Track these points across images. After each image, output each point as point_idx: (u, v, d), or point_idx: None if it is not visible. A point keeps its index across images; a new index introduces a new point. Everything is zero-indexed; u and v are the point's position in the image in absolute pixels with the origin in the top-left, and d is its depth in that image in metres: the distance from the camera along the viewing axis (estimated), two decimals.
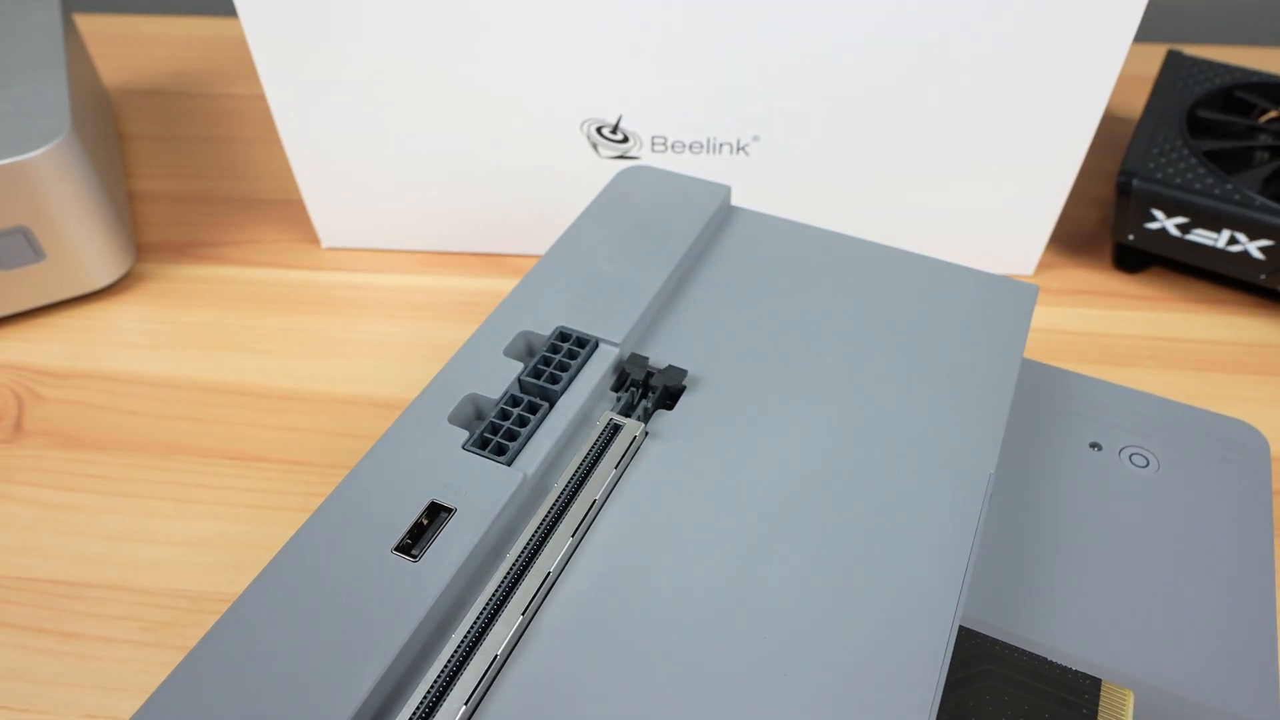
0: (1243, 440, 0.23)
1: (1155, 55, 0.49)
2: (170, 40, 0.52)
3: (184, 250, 0.38)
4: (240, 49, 0.51)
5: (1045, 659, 0.17)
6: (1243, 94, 0.38)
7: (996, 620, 0.19)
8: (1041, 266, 0.36)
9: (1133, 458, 0.23)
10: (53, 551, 0.27)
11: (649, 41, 0.30)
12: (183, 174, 0.42)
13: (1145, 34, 0.53)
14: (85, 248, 0.33)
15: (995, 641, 0.17)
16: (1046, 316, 0.34)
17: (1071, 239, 0.37)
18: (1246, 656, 0.19)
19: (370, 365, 0.33)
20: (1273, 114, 0.37)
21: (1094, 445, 0.23)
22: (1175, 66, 0.39)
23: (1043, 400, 0.25)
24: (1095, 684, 0.17)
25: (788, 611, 0.16)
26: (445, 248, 0.37)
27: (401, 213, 0.36)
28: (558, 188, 0.34)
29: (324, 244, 0.37)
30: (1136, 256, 0.36)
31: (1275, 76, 0.38)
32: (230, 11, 0.57)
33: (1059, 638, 0.18)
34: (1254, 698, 0.18)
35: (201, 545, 0.27)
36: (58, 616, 0.25)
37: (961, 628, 0.18)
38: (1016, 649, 0.17)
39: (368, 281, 0.36)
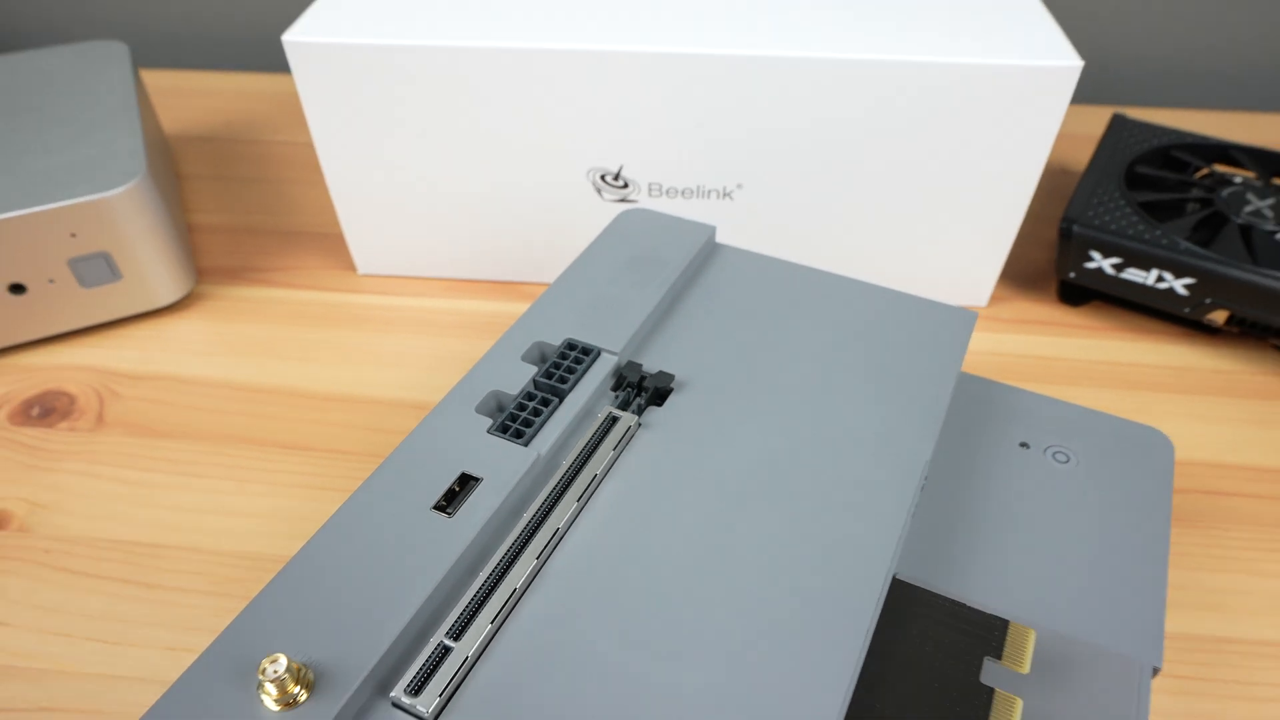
0: (1152, 442, 0.27)
1: (1104, 116, 0.54)
2: (220, 93, 0.56)
3: (237, 274, 0.42)
4: (282, 101, 0.55)
5: (963, 604, 0.20)
6: (1178, 153, 0.42)
7: (928, 577, 0.22)
8: (994, 300, 0.40)
9: (1055, 455, 0.26)
10: (134, 519, 0.30)
11: (648, 105, 0.34)
12: (234, 210, 0.46)
13: (1096, 97, 0.58)
14: (155, 270, 0.37)
15: (924, 590, 0.21)
16: (998, 342, 0.38)
17: (1023, 276, 0.41)
18: (1137, 610, 0.22)
19: (400, 373, 0.36)
20: (1205, 171, 0.41)
21: (1023, 444, 0.27)
22: (1119, 128, 0.43)
23: (984, 408, 0.28)
24: (1004, 624, 0.20)
25: (752, 561, 0.20)
26: (467, 275, 0.41)
27: (429, 244, 0.39)
28: (566, 226, 0.38)
29: (360, 270, 0.41)
30: (1078, 292, 0.39)
31: (1208, 138, 0.42)
32: (272, 68, 0.61)
33: (978, 591, 0.22)
34: (1139, 641, 0.21)
35: (259, 517, 0.30)
36: (140, 571, 0.29)
37: (896, 579, 0.21)
38: (940, 596, 0.20)
39: (398, 303, 0.40)
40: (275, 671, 0.16)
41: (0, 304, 0.35)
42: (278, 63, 0.62)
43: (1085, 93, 0.58)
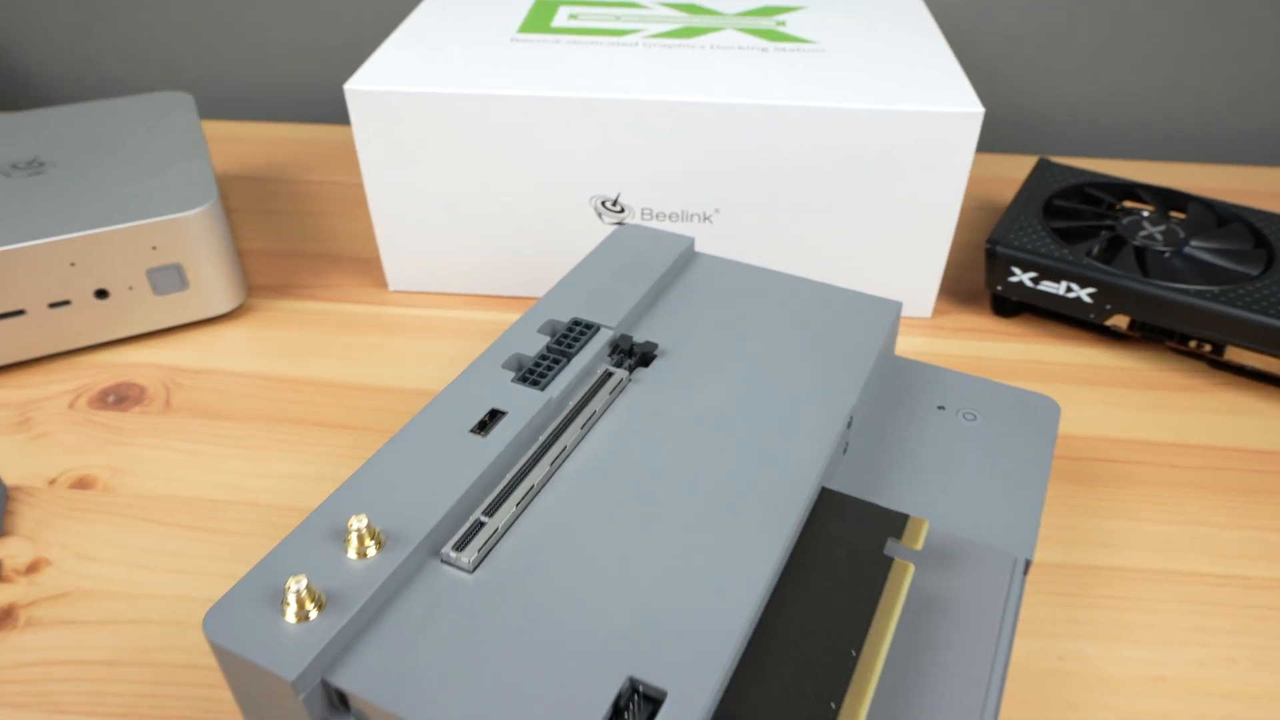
0: (1044, 406, 0.33)
1: (1032, 163, 0.61)
2: (259, 140, 0.63)
3: (281, 290, 0.48)
4: (314, 147, 0.63)
5: (875, 504, 0.26)
6: (1091, 190, 0.49)
7: (852, 492, 0.28)
8: (938, 312, 0.46)
9: (965, 415, 0.32)
10: (199, 482, 0.36)
11: (640, 145, 0.40)
12: (276, 238, 0.52)
13: (1033, 149, 0.65)
14: (215, 282, 0.43)
15: (846, 496, 0.26)
16: (942, 345, 0.44)
17: (962, 293, 0.48)
18: (1016, 519, 0.28)
19: (425, 369, 0.42)
20: (1116, 206, 0.48)
21: (940, 407, 0.33)
22: (1043, 169, 0.50)
23: (912, 382, 0.34)
24: (905, 516, 0.26)
25: (712, 472, 0.26)
26: (485, 291, 0.47)
27: (453, 263, 0.46)
28: (571, 246, 0.44)
29: (390, 287, 0.47)
30: (1008, 305, 0.46)
31: (1117, 178, 0.49)
32: (305, 118, 0.68)
33: (891, 504, 0.28)
34: (1016, 541, 0.27)
35: (305, 479, 0.36)
36: (206, 520, 0.34)
37: (825, 489, 0.27)
38: (859, 499, 0.26)
39: (424, 314, 0.46)
40: (358, 525, 0.22)
41: (86, 307, 0.41)
42: (308, 114, 0.69)
43: (1023, 145, 0.65)
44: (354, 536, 0.22)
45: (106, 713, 0.28)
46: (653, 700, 0.20)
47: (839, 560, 0.25)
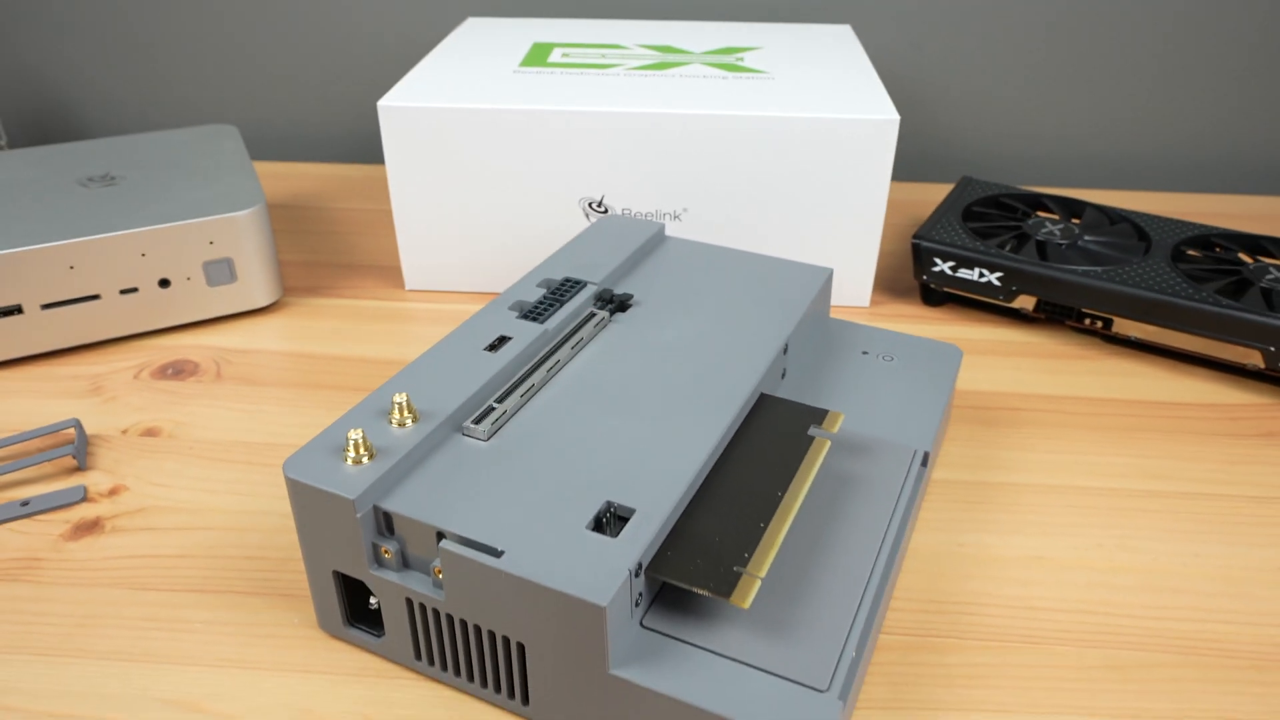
0: (949, 351, 0.40)
1: None
2: (290, 175, 0.71)
3: (312, 289, 0.55)
4: (336, 181, 0.70)
5: (803, 403, 0.33)
6: (1006, 199, 0.56)
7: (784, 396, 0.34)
8: (875, 302, 0.53)
9: (883, 357, 0.39)
10: (249, 430, 0.42)
11: (622, 159, 0.48)
12: (307, 251, 0.59)
13: (955, 178, 0.73)
14: (259, 278, 0.50)
15: (780, 398, 0.33)
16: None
17: (897, 289, 0.55)
18: (920, 425, 0.34)
19: None
20: (1027, 215, 0.56)
21: (864, 352, 0.39)
22: (965, 184, 0.58)
23: (844, 336, 0.41)
24: (824, 411, 0.32)
25: (672, 381, 0.32)
26: (489, 289, 0.54)
27: (461, 262, 0.53)
28: (561, 243, 0.51)
29: (407, 286, 0.54)
30: (935, 295, 0.53)
31: (1029, 191, 0.57)
32: (330, 159, 0.76)
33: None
34: (917, 439, 0.33)
35: None
36: (258, 457, 0.41)
37: (764, 395, 0.33)
38: (789, 400, 0.33)
39: (436, 307, 0.53)
40: (399, 400, 0.28)
41: (151, 295, 0.48)
42: (332, 155, 0.77)
43: (952, 176, 0.73)
44: (396, 410, 0.29)
45: (180, 589, 0.34)
46: (623, 518, 0.27)
47: (772, 439, 0.31)
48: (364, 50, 0.73)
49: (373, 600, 0.28)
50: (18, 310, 0.45)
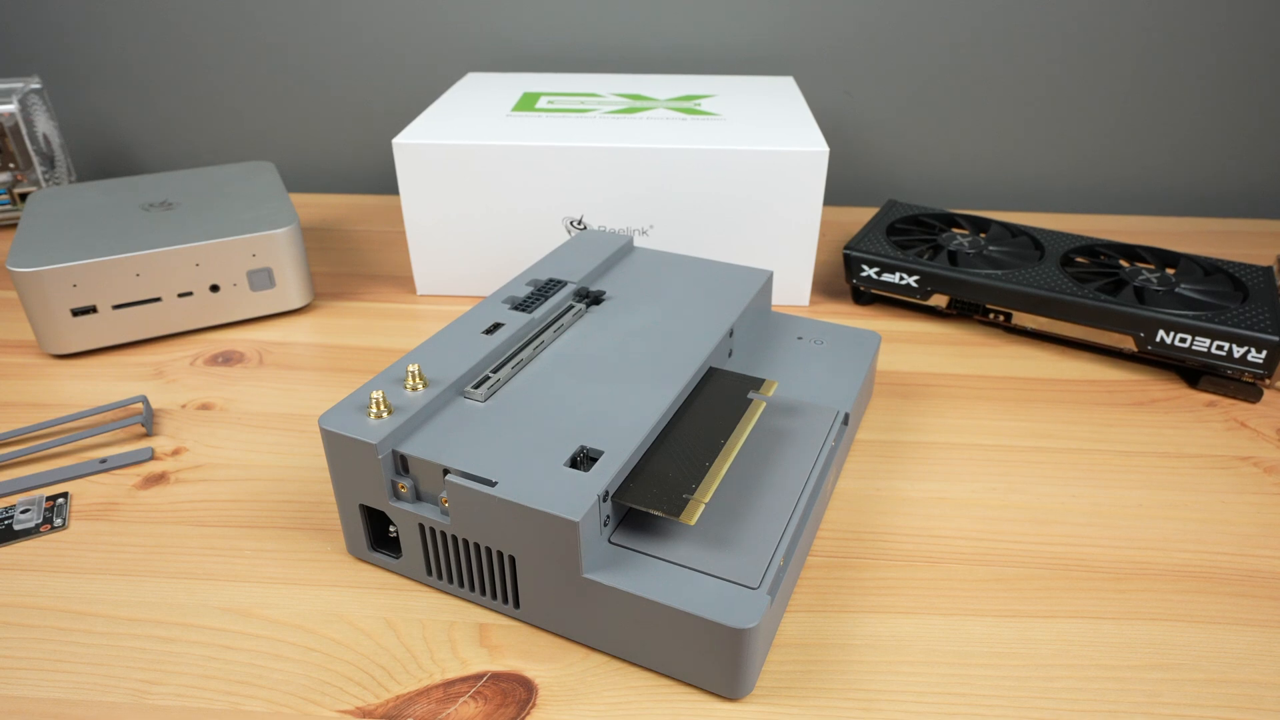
0: (869, 337, 0.43)
1: None
2: (316, 205, 0.74)
3: (336, 295, 0.58)
4: (355, 209, 0.73)
5: (744, 374, 0.36)
6: (924, 218, 0.60)
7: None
8: (814, 302, 0.57)
9: (815, 341, 0.42)
10: (289, 405, 0.45)
11: (598, 185, 0.51)
12: (333, 265, 0.62)
13: (881, 199, 0.77)
14: (293, 284, 0.53)
15: (726, 371, 0.36)
16: None
17: (832, 293, 0.58)
18: (840, 392, 0.38)
19: None
20: (943, 231, 0.59)
21: (799, 338, 0.43)
22: (890, 205, 0.62)
23: (782, 326, 0.44)
24: (761, 380, 0.35)
25: (637, 357, 0.35)
26: (487, 293, 0.57)
27: (465, 270, 0.56)
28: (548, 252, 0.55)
29: (419, 291, 0.57)
30: (863, 295, 0.56)
31: (944, 211, 0.60)
32: (348, 190, 0.80)
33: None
34: (838, 401, 0.37)
35: None
36: (297, 426, 0.43)
37: (712, 368, 0.36)
38: (733, 372, 0.36)
39: (443, 308, 0.56)
40: (412, 369, 0.32)
41: (204, 297, 0.51)
42: (351, 188, 0.80)
43: (880, 200, 0.77)
44: (410, 377, 0.32)
45: (233, 525, 0.36)
46: (593, 458, 0.30)
47: (718, 401, 0.34)
48: (380, 100, 0.76)
49: (391, 529, 0.31)
50: (93, 310, 0.48)
